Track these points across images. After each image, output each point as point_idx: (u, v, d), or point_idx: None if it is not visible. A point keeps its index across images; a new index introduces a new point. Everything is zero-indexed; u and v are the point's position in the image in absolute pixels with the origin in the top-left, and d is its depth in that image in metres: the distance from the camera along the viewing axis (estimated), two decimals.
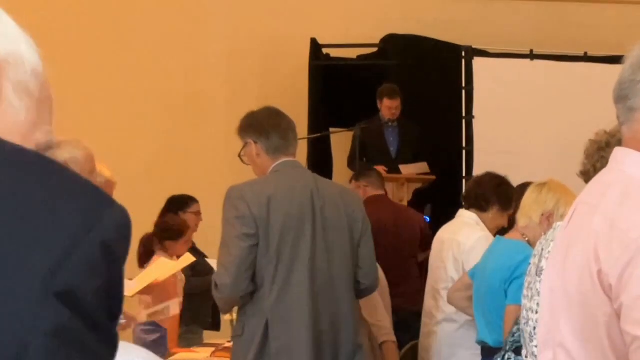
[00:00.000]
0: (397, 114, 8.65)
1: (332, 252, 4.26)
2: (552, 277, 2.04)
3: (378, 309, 5.56)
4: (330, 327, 4.24)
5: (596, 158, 3.32)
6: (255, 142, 4.30)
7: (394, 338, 5.62)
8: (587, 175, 3.31)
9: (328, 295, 4.24)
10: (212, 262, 5.69)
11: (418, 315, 6.90)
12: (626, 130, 1.98)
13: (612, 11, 9.75)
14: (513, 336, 4.12)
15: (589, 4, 9.80)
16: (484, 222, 5.49)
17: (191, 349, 5.82)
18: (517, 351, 4.04)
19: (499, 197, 5.44)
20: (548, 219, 4.36)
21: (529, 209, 4.48)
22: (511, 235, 4.84)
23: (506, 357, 4.13)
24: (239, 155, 4.40)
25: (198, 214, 7.21)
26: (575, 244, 1.93)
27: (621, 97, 1.98)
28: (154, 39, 9.60)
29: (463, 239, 5.48)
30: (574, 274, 1.92)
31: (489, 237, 5.34)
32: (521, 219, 4.56)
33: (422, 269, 7.18)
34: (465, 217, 5.56)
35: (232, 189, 4.22)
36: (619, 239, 1.82)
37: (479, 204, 5.48)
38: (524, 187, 4.88)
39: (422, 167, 8.53)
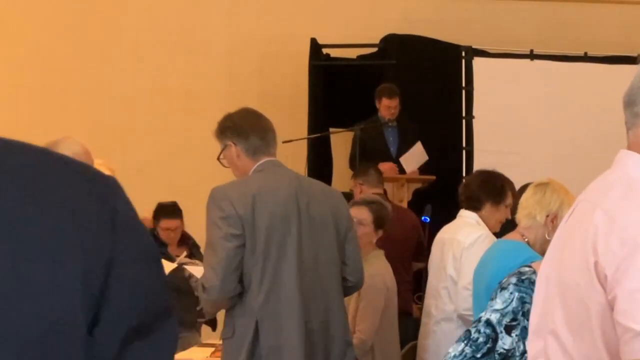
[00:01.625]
0: (396, 114, 8.64)
1: (319, 250, 4.23)
2: (548, 269, 2.10)
3: (368, 320, 5.51)
4: (320, 325, 4.21)
5: None
6: (235, 144, 4.26)
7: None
8: None
9: (317, 293, 4.21)
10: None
11: (408, 315, 6.90)
12: (631, 135, 2.05)
13: (612, 11, 9.74)
14: None
15: (589, 4, 9.80)
16: (484, 221, 5.47)
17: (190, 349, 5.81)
18: None
19: (487, 192, 5.41)
20: (552, 221, 4.34)
21: (532, 210, 4.44)
22: (511, 236, 4.80)
23: None
24: (218, 159, 4.36)
25: (168, 230, 7.09)
26: (574, 237, 1.99)
27: (629, 103, 2.05)
28: (153, 38, 9.59)
29: (462, 238, 5.47)
30: (570, 264, 1.97)
31: (489, 236, 5.32)
32: (523, 220, 4.51)
33: (416, 277, 7.19)
34: (466, 217, 5.54)
35: (215, 190, 4.18)
36: (617, 235, 1.88)
37: (472, 205, 5.46)
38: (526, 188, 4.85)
39: (417, 148, 8.50)
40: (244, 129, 4.26)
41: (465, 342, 3.53)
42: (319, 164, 8.91)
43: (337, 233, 4.29)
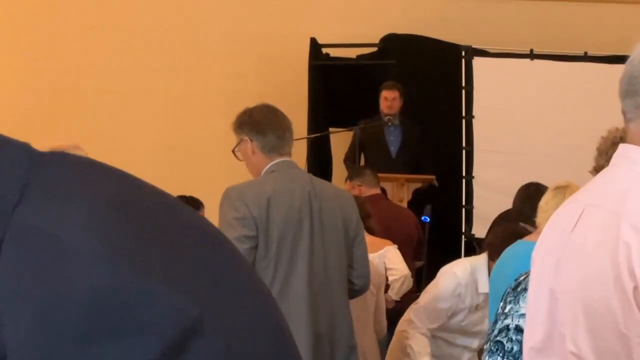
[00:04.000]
0: (394, 108, 8.60)
1: (328, 253, 4.24)
2: (549, 281, 1.91)
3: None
4: (327, 329, 4.21)
5: (610, 153, 3.23)
6: (251, 140, 4.25)
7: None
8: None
9: (325, 296, 4.22)
10: None
11: None
12: (634, 127, 1.86)
13: (612, 11, 9.74)
14: None
15: (589, 4, 9.80)
16: None
17: None
18: None
19: (507, 241, 5.25)
20: None
21: (553, 213, 4.40)
22: (531, 238, 4.74)
23: None
24: (233, 151, 4.36)
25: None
26: (596, 253, 1.78)
27: (630, 92, 1.85)
28: (153, 38, 9.59)
29: (449, 265, 5.39)
30: (599, 286, 1.75)
31: (467, 285, 5.19)
32: (543, 223, 4.45)
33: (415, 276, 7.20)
34: (477, 259, 5.38)
35: (231, 190, 4.18)
36: None
37: (492, 256, 5.30)
38: (530, 187, 4.82)
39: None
40: (261, 126, 4.24)
41: (501, 354, 3.47)
42: (319, 163, 8.90)
43: (346, 237, 4.30)
